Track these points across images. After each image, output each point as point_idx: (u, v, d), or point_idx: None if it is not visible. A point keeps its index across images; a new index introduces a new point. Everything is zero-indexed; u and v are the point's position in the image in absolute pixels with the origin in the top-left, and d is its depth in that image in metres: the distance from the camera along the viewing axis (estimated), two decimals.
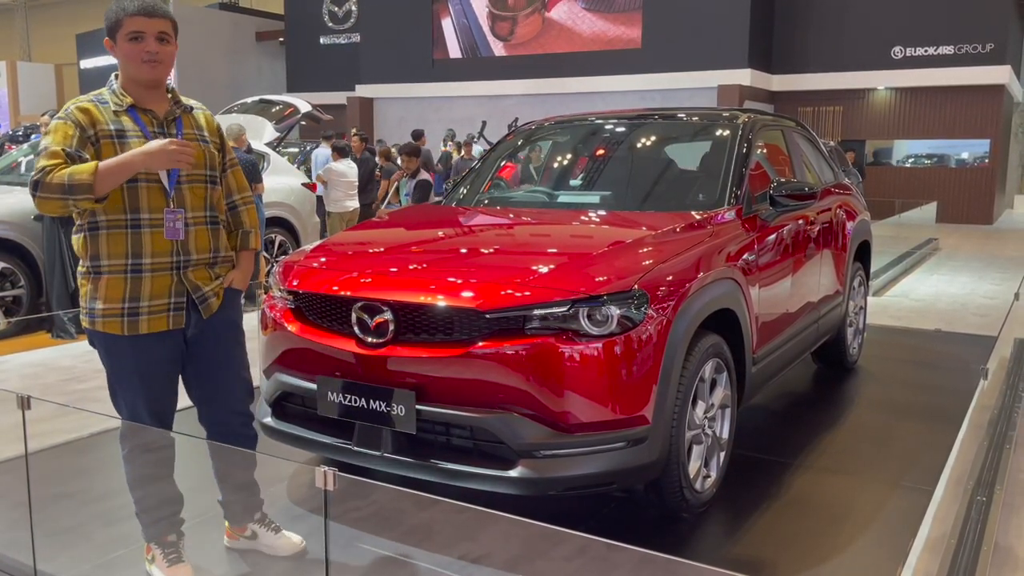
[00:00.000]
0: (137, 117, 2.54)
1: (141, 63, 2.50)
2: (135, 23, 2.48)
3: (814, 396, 5.00)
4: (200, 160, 2.61)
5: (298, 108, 10.68)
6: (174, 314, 2.58)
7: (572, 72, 19.05)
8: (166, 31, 2.53)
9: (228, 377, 2.77)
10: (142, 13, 2.48)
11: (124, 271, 2.51)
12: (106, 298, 2.52)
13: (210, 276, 2.66)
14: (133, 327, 2.52)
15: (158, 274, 2.54)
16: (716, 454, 3.31)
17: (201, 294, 2.62)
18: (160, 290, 2.55)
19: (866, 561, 2.96)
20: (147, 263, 2.52)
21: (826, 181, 5.02)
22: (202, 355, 2.69)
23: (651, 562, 2.05)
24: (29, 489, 2.81)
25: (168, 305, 2.56)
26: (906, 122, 18.44)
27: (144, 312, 2.53)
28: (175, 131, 2.60)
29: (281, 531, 2.93)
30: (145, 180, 2.50)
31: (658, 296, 2.88)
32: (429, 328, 2.86)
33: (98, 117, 2.49)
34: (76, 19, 30.55)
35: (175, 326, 2.58)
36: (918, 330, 6.85)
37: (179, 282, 2.58)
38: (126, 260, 2.50)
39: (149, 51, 2.50)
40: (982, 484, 3.37)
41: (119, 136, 2.49)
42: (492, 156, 4.69)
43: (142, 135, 2.51)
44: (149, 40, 2.50)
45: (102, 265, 2.51)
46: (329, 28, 23.80)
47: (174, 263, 2.56)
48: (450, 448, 2.85)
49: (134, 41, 2.49)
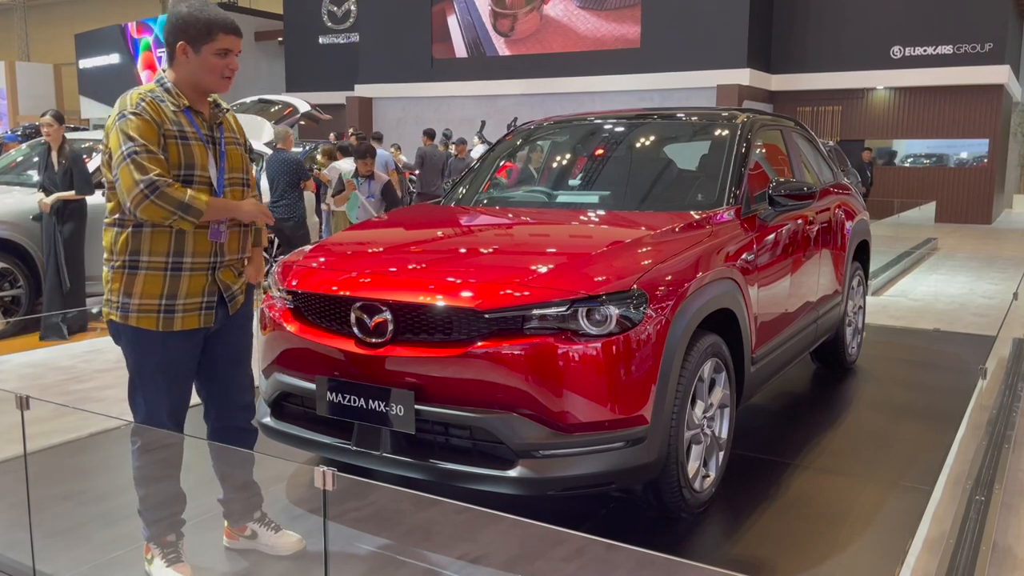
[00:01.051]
0: (192, 119, 2.61)
1: (221, 77, 2.60)
2: (228, 41, 2.59)
3: (813, 396, 5.00)
4: (237, 164, 2.71)
5: (297, 108, 10.69)
6: (205, 313, 2.64)
7: (571, 72, 19.06)
8: (241, 49, 2.66)
9: (238, 372, 2.84)
10: (234, 32, 2.61)
11: (164, 268, 2.56)
12: (142, 294, 2.56)
13: (235, 275, 2.74)
14: (168, 323, 2.58)
15: (196, 273, 2.61)
16: (715, 454, 3.31)
17: (231, 292, 2.71)
18: (196, 289, 2.61)
19: (865, 561, 2.96)
20: (187, 262, 2.59)
21: (825, 181, 5.02)
22: (217, 350, 2.75)
23: (650, 562, 2.06)
24: (28, 489, 2.81)
25: (201, 304, 2.63)
26: (905, 122, 18.45)
27: (179, 310, 2.59)
28: (219, 134, 2.67)
29: (281, 530, 2.93)
30: (199, 182, 2.57)
31: (657, 296, 2.88)
32: (428, 328, 2.86)
33: (164, 115, 2.54)
34: (74, 19, 30.55)
35: (205, 324, 2.65)
36: (917, 330, 6.86)
37: (212, 282, 2.65)
38: (167, 258, 2.56)
39: (232, 67, 2.61)
40: (981, 484, 3.37)
41: (181, 137, 2.56)
42: (491, 156, 4.69)
43: (199, 138, 2.59)
44: (232, 57, 2.61)
45: (141, 261, 2.55)
46: (328, 28, 23.80)
47: (211, 263, 2.63)
48: (449, 448, 2.85)
49: (220, 56, 2.58)
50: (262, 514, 2.94)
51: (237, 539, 2.93)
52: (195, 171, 2.56)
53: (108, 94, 25.67)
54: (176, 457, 2.75)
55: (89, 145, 7.68)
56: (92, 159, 7.26)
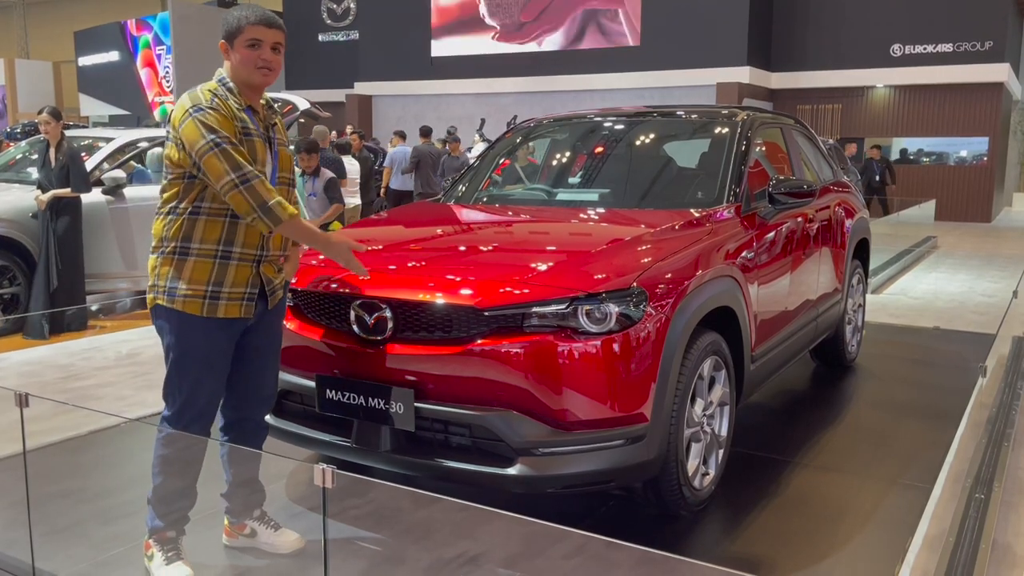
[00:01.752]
0: (252, 117, 2.67)
1: (255, 69, 2.64)
2: (255, 31, 2.62)
3: (812, 394, 5.00)
4: (287, 165, 2.78)
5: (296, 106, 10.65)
6: (247, 303, 2.68)
7: (571, 70, 19.04)
8: (280, 42, 2.68)
9: (267, 364, 2.86)
10: (263, 23, 2.63)
11: (214, 256, 2.62)
12: (191, 279, 2.61)
13: (275, 270, 2.78)
14: (212, 309, 2.62)
15: (243, 263, 2.65)
16: (715, 452, 3.31)
17: (272, 286, 2.75)
18: (241, 279, 2.65)
19: (864, 559, 2.96)
20: (236, 251, 2.63)
21: (825, 179, 5.02)
22: (250, 343, 2.77)
23: (649, 560, 2.06)
24: (27, 487, 2.81)
25: (244, 294, 2.67)
26: (905, 120, 18.45)
27: (224, 297, 2.63)
28: (273, 134, 2.73)
29: (281, 528, 2.93)
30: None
31: (657, 294, 2.88)
32: (427, 326, 2.86)
33: (229, 110, 2.60)
34: (74, 16, 30.51)
35: (245, 315, 2.68)
36: (917, 328, 6.85)
37: (256, 274, 2.69)
38: (217, 246, 2.61)
39: (264, 59, 2.63)
40: (980, 482, 3.37)
41: (245, 134, 2.61)
42: (491, 154, 4.69)
43: (258, 135, 2.65)
44: (265, 49, 2.64)
45: (191, 247, 2.61)
46: (328, 25, 23.78)
47: (256, 256, 2.68)
48: (449, 446, 2.85)
49: (251, 48, 2.63)
50: (262, 512, 2.94)
51: (236, 537, 2.93)
52: (255, 166, 2.60)
53: (107, 92, 25.66)
54: (198, 454, 2.75)
55: (89, 142, 7.66)
56: (92, 156, 7.26)
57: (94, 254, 6.86)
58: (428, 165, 11.82)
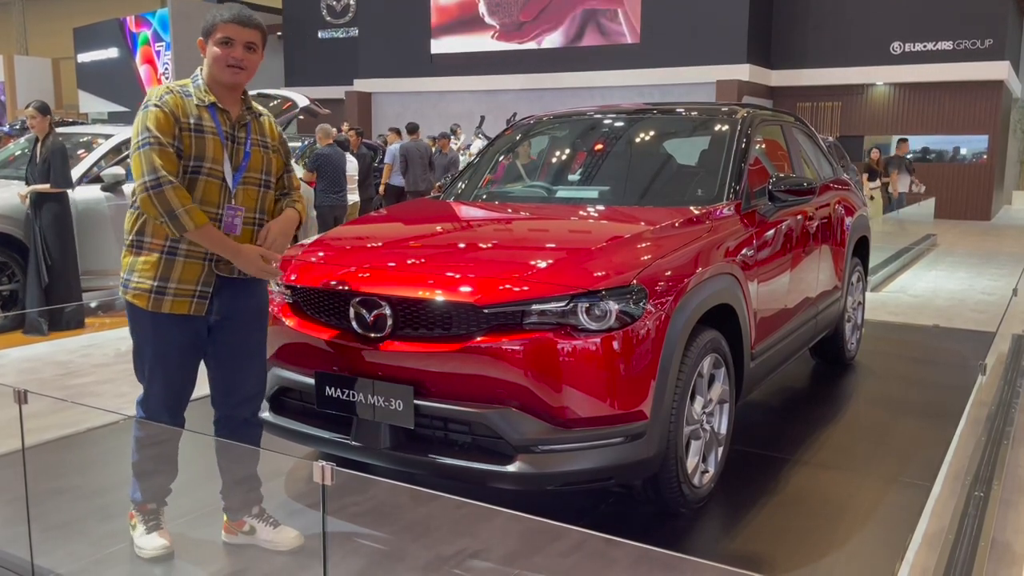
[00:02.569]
0: (215, 115, 2.68)
1: (225, 67, 2.66)
2: (227, 29, 2.65)
3: (812, 392, 5.00)
4: (258, 166, 2.76)
5: (296, 103, 10.63)
6: (197, 301, 2.68)
7: (571, 67, 19.02)
8: (255, 41, 2.70)
9: (249, 363, 2.87)
10: (235, 21, 2.65)
11: (162, 251, 2.64)
12: (141, 273, 2.66)
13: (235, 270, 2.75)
14: (157, 304, 2.65)
15: (191, 260, 2.66)
16: (714, 449, 3.30)
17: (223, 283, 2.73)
18: (190, 276, 2.66)
19: (864, 556, 2.96)
20: (183, 248, 2.65)
21: (825, 177, 5.02)
22: (225, 340, 2.78)
23: (649, 558, 2.06)
24: (26, 484, 2.81)
25: (194, 292, 2.67)
26: (905, 118, 18.43)
27: (170, 293, 2.65)
28: (244, 135, 2.74)
29: (280, 525, 2.94)
30: (207, 174, 2.64)
31: (656, 291, 2.87)
32: (427, 323, 2.85)
33: (184, 109, 2.63)
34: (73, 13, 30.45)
35: (196, 312, 2.68)
36: (916, 326, 6.85)
37: (209, 272, 2.68)
38: (165, 241, 2.64)
39: (235, 57, 2.66)
40: (980, 480, 3.37)
41: (197, 130, 2.63)
42: (490, 151, 4.68)
43: (216, 133, 2.66)
44: (237, 47, 2.66)
45: (144, 241, 2.66)
46: (327, 22, 23.75)
47: (208, 254, 2.67)
48: (448, 443, 2.85)
49: (223, 45, 2.65)
50: (260, 509, 2.95)
51: (235, 534, 2.93)
52: (204, 163, 2.62)
53: (107, 88, 25.63)
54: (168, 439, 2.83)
55: (88, 139, 7.66)
56: (91, 153, 7.25)
57: (93, 251, 6.85)
58: (416, 162, 11.79)
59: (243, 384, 2.86)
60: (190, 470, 2.96)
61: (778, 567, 2.87)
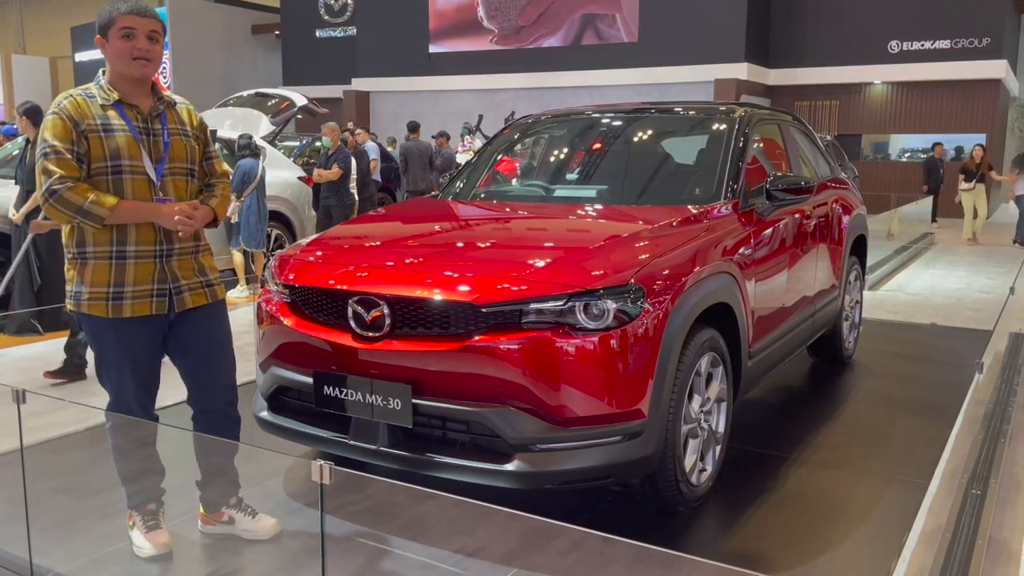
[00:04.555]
0: (123, 112, 2.65)
1: (131, 60, 2.63)
2: (127, 20, 2.62)
3: (810, 390, 5.01)
4: (181, 155, 2.74)
5: (294, 102, 10.64)
6: (157, 300, 2.69)
7: (569, 66, 19.02)
8: (156, 30, 2.67)
9: (217, 356, 2.87)
10: (135, 12, 2.62)
11: (109, 257, 2.64)
12: (92, 283, 2.65)
13: (194, 268, 2.78)
14: (117, 310, 2.65)
15: (142, 261, 2.66)
16: (712, 448, 3.31)
17: (178, 286, 2.73)
18: (143, 276, 2.67)
19: (861, 554, 2.97)
20: (131, 250, 2.65)
21: (822, 175, 5.02)
22: (188, 334, 2.79)
23: (647, 556, 2.06)
24: (25, 483, 2.81)
25: (151, 291, 2.68)
26: (902, 116, 18.45)
27: (128, 297, 2.65)
28: (159, 126, 2.71)
29: (258, 515, 2.96)
30: (130, 172, 2.62)
31: (654, 290, 2.88)
32: (425, 322, 2.86)
33: (86, 111, 2.61)
34: (71, 12, 30.40)
35: (158, 311, 2.70)
36: (914, 324, 6.86)
37: (162, 270, 2.70)
38: (111, 247, 2.63)
39: (139, 48, 2.63)
40: (977, 478, 3.38)
41: (105, 130, 2.61)
42: (488, 150, 4.69)
43: (127, 129, 2.63)
44: (140, 38, 2.63)
45: (88, 252, 2.65)
46: (325, 21, 23.73)
47: (157, 251, 2.68)
48: (446, 442, 2.85)
49: (125, 39, 2.62)
50: (238, 499, 2.97)
51: (214, 524, 2.95)
52: (123, 161, 2.61)
53: None
54: (151, 434, 2.85)
55: None
56: None
57: None
58: (416, 161, 11.75)
59: (215, 375, 2.87)
60: (186, 471, 2.96)
61: (776, 565, 2.88)
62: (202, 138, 2.86)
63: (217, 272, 2.90)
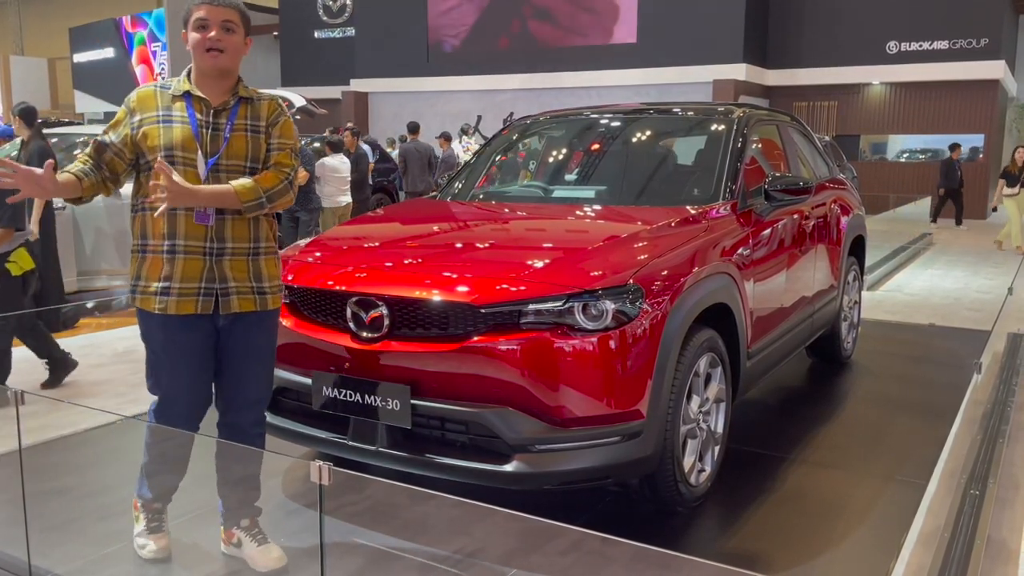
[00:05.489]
0: (190, 104, 2.61)
1: (204, 52, 2.57)
2: (201, 11, 2.57)
3: (808, 391, 5.01)
4: (241, 151, 2.62)
5: (292, 102, 10.64)
6: (203, 299, 2.59)
7: (568, 67, 19.03)
8: (232, 20, 2.59)
9: (252, 368, 2.74)
10: (208, 2, 2.56)
11: (162, 251, 2.58)
12: (146, 276, 2.62)
13: (248, 270, 2.64)
14: (163, 306, 2.59)
15: (191, 257, 2.58)
16: (711, 448, 3.31)
17: (226, 287, 2.62)
18: (192, 273, 2.58)
19: (860, 554, 2.97)
20: (180, 244, 2.57)
21: (821, 176, 5.03)
22: (231, 343, 2.68)
23: (646, 556, 2.06)
24: (23, 484, 2.81)
25: (198, 289, 2.59)
26: (900, 117, 18.47)
27: (174, 293, 2.58)
28: (225, 120, 2.62)
29: (265, 543, 2.80)
30: (182, 164, 2.55)
31: (653, 291, 2.88)
32: (424, 323, 2.86)
33: (152, 103, 2.60)
34: (69, 13, 30.39)
35: (203, 311, 2.59)
36: (912, 325, 6.87)
37: (211, 268, 2.60)
38: (163, 241, 2.58)
39: (211, 39, 2.55)
40: (975, 478, 3.38)
41: (165, 120, 2.59)
42: (487, 151, 4.69)
43: (187, 121, 2.58)
44: (213, 28, 2.56)
45: (148, 244, 2.62)
46: (323, 22, 23.73)
47: (207, 248, 2.59)
48: (445, 443, 2.85)
49: (200, 30, 2.57)
50: (252, 523, 2.84)
51: (228, 545, 2.87)
52: (175, 152, 2.56)
53: (102, 88, 25.58)
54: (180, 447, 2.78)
55: (84, 139, 7.66)
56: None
57: (89, 251, 6.83)
58: (415, 163, 11.74)
59: (247, 389, 2.75)
60: (191, 470, 2.95)
61: (774, 565, 2.88)
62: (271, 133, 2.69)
63: (277, 280, 2.74)
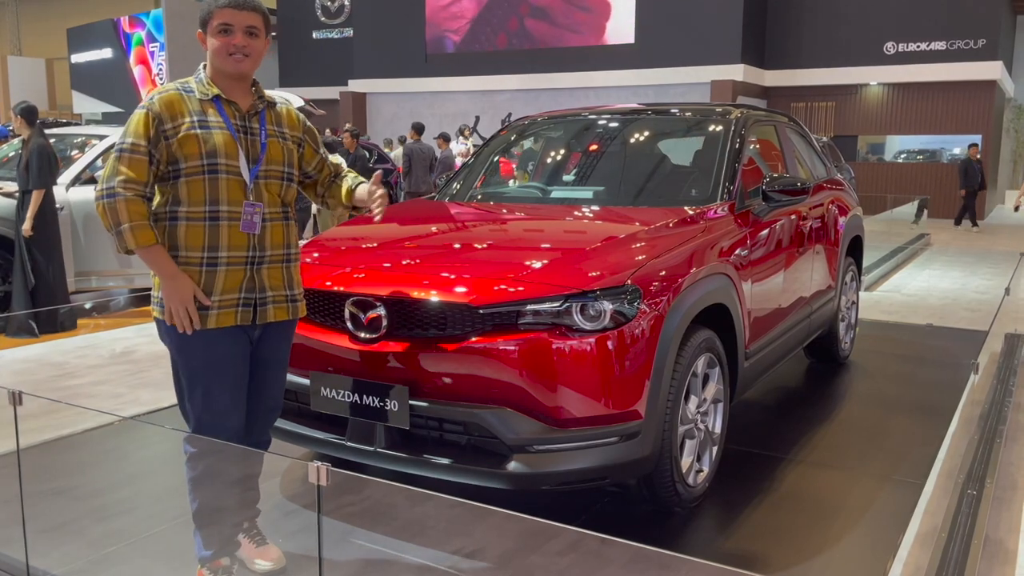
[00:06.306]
0: (222, 108, 2.50)
1: (227, 56, 2.48)
2: (224, 15, 2.47)
3: (806, 391, 5.02)
4: (278, 157, 2.58)
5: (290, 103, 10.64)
6: (242, 310, 2.50)
7: (566, 67, 19.04)
8: (255, 25, 2.51)
9: (273, 375, 2.69)
10: (232, 5, 2.47)
11: (200, 264, 2.45)
12: None
13: (283, 278, 2.59)
14: (203, 320, 2.46)
15: (233, 268, 2.48)
16: (708, 449, 3.32)
17: (264, 296, 2.55)
18: (232, 284, 2.48)
19: (857, 554, 2.98)
20: (223, 256, 2.46)
21: (818, 176, 5.04)
22: (255, 354, 2.61)
23: (644, 556, 2.06)
24: (21, 485, 2.80)
25: (238, 300, 2.49)
26: (898, 118, 18.50)
27: (215, 307, 2.46)
28: (258, 125, 2.55)
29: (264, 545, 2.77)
30: (226, 172, 2.46)
31: (651, 291, 2.88)
32: (422, 323, 2.86)
33: (180, 108, 2.45)
34: (67, 13, 30.38)
35: (243, 322, 2.51)
36: (909, 325, 6.88)
37: (251, 278, 2.51)
38: (203, 253, 2.45)
39: (236, 44, 2.47)
40: (972, 478, 3.39)
41: (202, 126, 2.44)
42: (485, 152, 4.69)
43: (224, 127, 2.48)
44: (237, 33, 2.47)
45: (179, 256, 2.45)
46: (322, 22, 23.74)
47: (249, 257, 2.50)
48: (443, 443, 2.85)
49: (223, 34, 2.47)
50: (251, 524, 2.81)
51: None
52: (219, 159, 2.44)
53: (100, 89, 25.55)
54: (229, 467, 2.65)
55: (82, 140, 7.65)
56: (85, 154, 7.24)
57: (89, 252, 6.83)
58: (419, 163, 11.73)
59: (262, 395, 2.67)
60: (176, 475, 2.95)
61: (772, 565, 2.88)
62: (307, 140, 2.69)
63: (302, 287, 2.71)
